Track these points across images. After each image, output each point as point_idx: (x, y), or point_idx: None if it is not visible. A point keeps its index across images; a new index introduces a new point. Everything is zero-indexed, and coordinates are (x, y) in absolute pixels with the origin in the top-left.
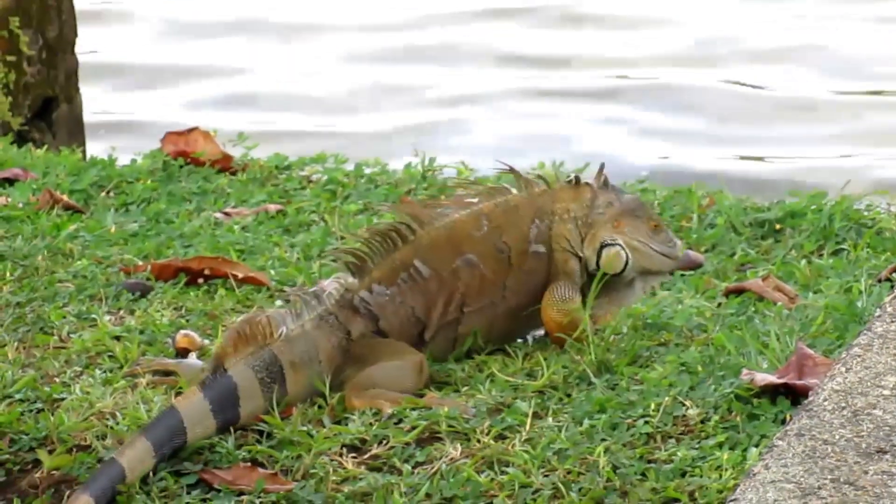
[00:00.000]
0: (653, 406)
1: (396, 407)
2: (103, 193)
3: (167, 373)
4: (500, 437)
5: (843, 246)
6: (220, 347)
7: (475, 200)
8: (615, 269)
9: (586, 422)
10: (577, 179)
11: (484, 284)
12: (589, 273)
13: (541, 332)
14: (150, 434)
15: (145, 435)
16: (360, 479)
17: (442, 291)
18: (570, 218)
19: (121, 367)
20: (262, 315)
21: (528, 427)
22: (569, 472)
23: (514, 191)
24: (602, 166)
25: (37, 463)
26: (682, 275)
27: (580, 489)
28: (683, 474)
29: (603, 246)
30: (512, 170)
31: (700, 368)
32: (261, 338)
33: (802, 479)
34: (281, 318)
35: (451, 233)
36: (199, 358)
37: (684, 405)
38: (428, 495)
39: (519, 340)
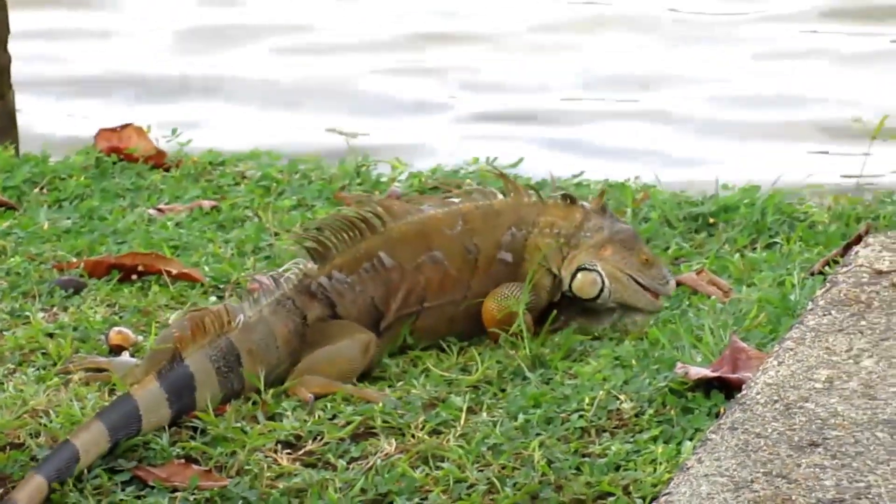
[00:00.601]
0: (587, 400)
1: (326, 391)
2: (36, 190)
3: (100, 370)
4: (435, 432)
5: (775, 240)
6: (175, 338)
7: (457, 201)
8: (587, 295)
9: (521, 416)
10: (571, 198)
11: (446, 282)
12: (563, 294)
13: None
14: (105, 418)
15: (101, 419)
16: (295, 475)
17: (403, 283)
18: (551, 234)
19: (54, 365)
20: (220, 305)
21: (462, 422)
22: (503, 467)
23: (501, 196)
24: (603, 192)
25: None
26: None
27: (515, 484)
28: (618, 468)
29: (579, 269)
30: (502, 175)
31: (634, 362)
32: (218, 326)
33: (735, 473)
34: (239, 306)
35: (422, 228)
36: (132, 355)
37: (618, 399)
38: (363, 491)
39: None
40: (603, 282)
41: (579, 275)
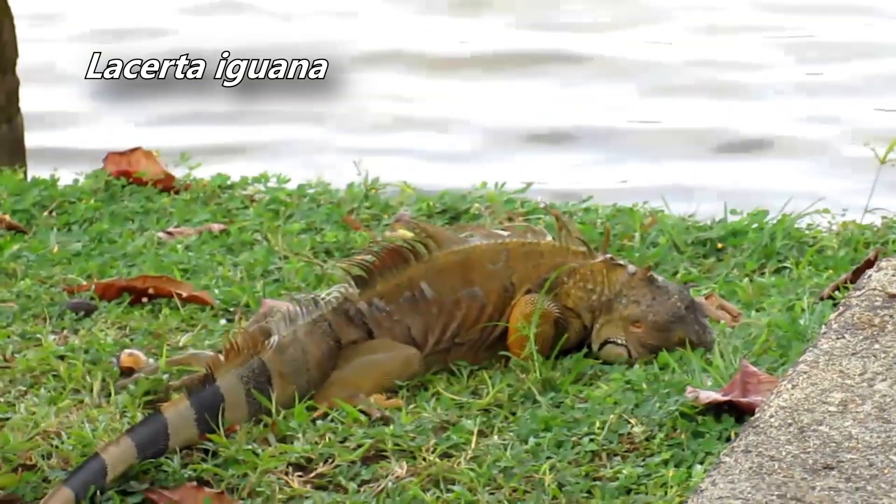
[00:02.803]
0: (598, 424)
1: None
2: (46, 213)
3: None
4: (446, 455)
5: (784, 264)
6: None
7: (505, 234)
8: (614, 362)
9: (532, 440)
10: (615, 262)
11: (481, 318)
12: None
13: None
14: (134, 435)
15: (130, 435)
16: (306, 497)
17: (441, 317)
18: (585, 288)
19: (65, 387)
20: (256, 326)
21: (473, 445)
22: (514, 491)
23: (549, 237)
24: (649, 267)
25: None
26: None
27: None
28: (629, 492)
29: (605, 342)
30: (558, 219)
31: (645, 386)
32: (252, 346)
33: (750, 496)
34: (274, 324)
35: (466, 259)
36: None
37: (629, 423)
38: None
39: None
40: (630, 354)
41: (607, 346)
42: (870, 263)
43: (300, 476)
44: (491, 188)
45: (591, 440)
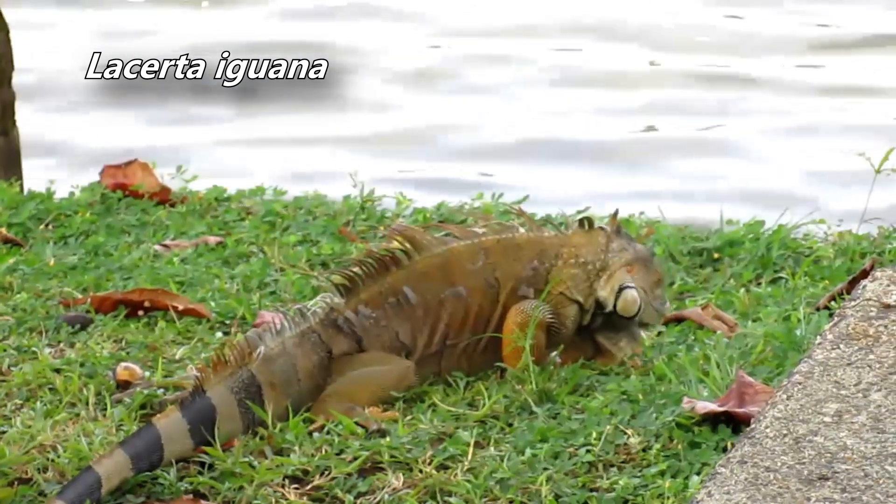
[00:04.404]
0: (594, 435)
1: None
2: (42, 226)
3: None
4: (443, 466)
5: (781, 274)
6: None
7: (481, 231)
8: (629, 313)
9: (528, 451)
10: (591, 223)
11: (468, 319)
12: (588, 323)
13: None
14: (128, 447)
15: (123, 447)
16: None
17: (427, 320)
18: (576, 263)
19: (61, 400)
20: (242, 338)
21: (470, 456)
22: (511, 502)
23: (523, 230)
24: (616, 212)
25: None
26: None
27: None
28: (626, 502)
29: (622, 288)
30: (521, 212)
31: (641, 397)
32: (240, 357)
33: None
34: (260, 336)
35: (445, 261)
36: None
37: (626, 434)
38: None
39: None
40: (640, 299)
41: (623, 293)
42: (865, 273)
43: (297, 489)
44: (488, 199)
45: (588, 451)
